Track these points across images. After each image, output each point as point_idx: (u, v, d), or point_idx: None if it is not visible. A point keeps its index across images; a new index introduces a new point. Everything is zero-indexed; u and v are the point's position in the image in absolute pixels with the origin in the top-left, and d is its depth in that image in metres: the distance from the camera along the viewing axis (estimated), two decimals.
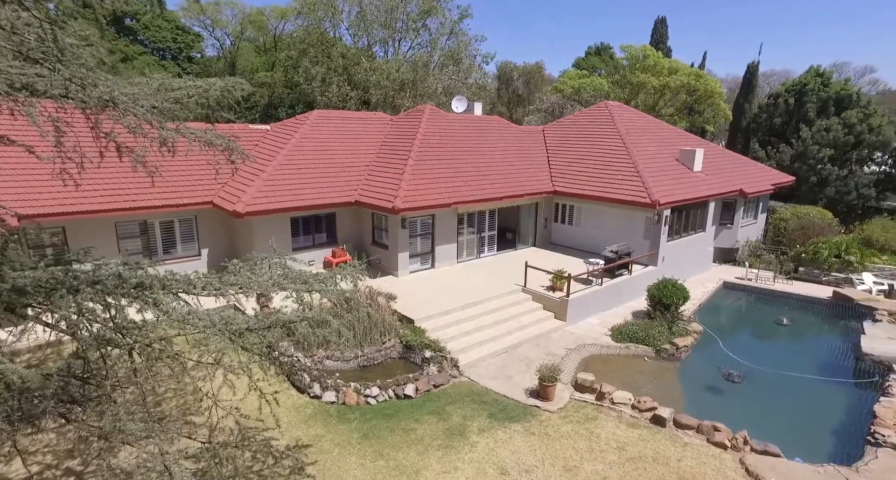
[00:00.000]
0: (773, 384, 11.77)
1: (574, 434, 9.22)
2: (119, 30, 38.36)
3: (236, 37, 42.56)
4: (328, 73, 30.24)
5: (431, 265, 17.12)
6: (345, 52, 31.48)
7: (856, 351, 12.86)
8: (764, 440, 8.86)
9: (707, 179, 19.78)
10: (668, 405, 9.97)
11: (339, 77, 30.41)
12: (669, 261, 17.57)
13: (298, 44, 30.82)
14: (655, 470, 8.25)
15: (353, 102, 30.88)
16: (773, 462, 8.35)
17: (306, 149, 17.38)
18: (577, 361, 12.24)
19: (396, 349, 12.14)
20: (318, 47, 30.48)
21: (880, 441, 8.92)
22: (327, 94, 29.91)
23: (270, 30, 41.72)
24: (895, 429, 9.24)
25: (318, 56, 30.41)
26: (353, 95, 30.73)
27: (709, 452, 8.74)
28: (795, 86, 31.49)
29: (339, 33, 33.48)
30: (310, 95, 30.75)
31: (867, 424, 9.51)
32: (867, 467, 8.28)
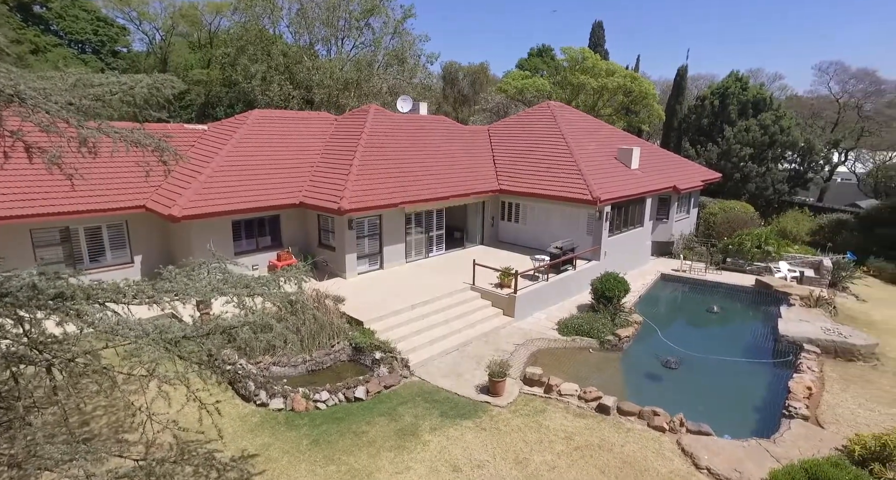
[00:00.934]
0: (705, 368, 12.55)
1: (524, 427, 9.44)
2: (27, 18, 35.18)
3: (167, 31, 40.24)
4: (269, 72, 29.26)
5: (380, 266, 16.98)
6: (286, 50, 30.56)
7: (774, 334, 13.93)
8: (698, 421, 9.42)
9: (644, 176, 20.77)
10: (612, 393, 10.39)
11: (281, 76, 29.49)
12: (611, 256, 18.32)
13: (236, 41, 29.58)
14: (601, 457, 8.59)
15: (296, 102, 30.07)
16: (705, 441, 8.91)
17: (247, 150, 16.76)
18: (526, 356, 12.53)
19: (346, 351, 11.96)
20: (257, 45, 29.39)
21: (793, 413, 9.73)
22: (268, 93, 28.94)
23: (205, 25, 39.79)
24: (805, 402, 10.10)
25: (257, 54, 29.33)
26: (295, 94, 29.90)
27: (649, 436, 9.20)
28: (719, 90, 33.67)
29: (280, 30, 32.51)
30: (250, 94, 29.64)
31: (783, 399, 10.32)
32: (782, 438, 9.01)
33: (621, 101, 37.23)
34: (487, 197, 20.07)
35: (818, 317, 14.58)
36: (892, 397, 10.93)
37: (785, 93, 50.61)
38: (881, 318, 15.41)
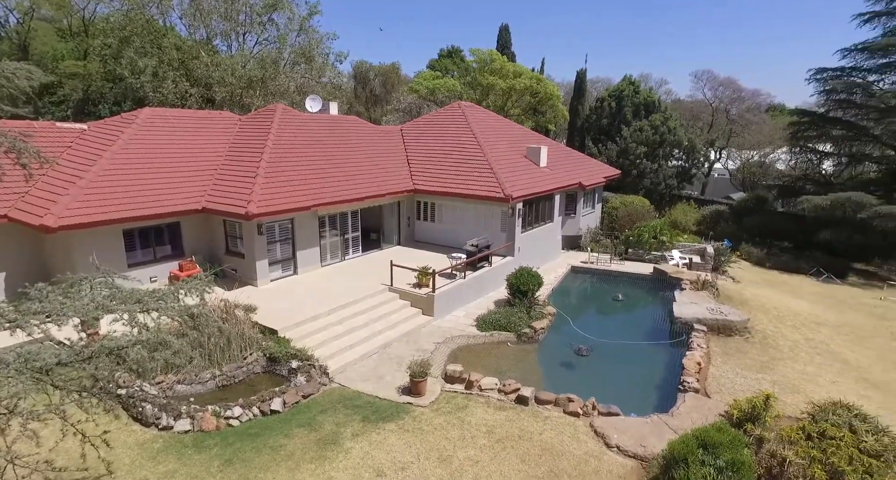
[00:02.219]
0: (613, 353, 13.44)
1: (447, 424, 9.52)
2: None
3: (24, 14, 34.97)
4: (161, 67, 26.83)
5: (294, 271, 16.31)
6: (179, 43, 28.20)
7: (670, 316, 15.27)
8: (608, 403, 10.06)
9: (552, 174, 21.83)
10: (530, 384, 10.79)
11: (176, 72, 27.19)
12: (525, 251, 19.06)
13: (118, 30, 26.66)
14: (522, 446, 8.88)
15: (195, 100, 27.93)
16: (614, 421, 9.54)
17: (138, 152, 15.32)
18: (447, 353, 12.65)
19: (260, 363, 11.33)
20: (144, 36, 26.77)
21: (686, 387, 10.74)
22: (162, 91, 26.56)
23: (76, 11, 35.27)
24: (696, 376, 11.20)
25: (145, 46, 26.73)
26: (193, 93, 27.75)
27: (565, 422, 9.67)
28: (615, 93, 36.31)
29: (171, 22, 29.94)
30: (139, 91, 26.97)
31: (678, 375, 11.36)
32: (678, 410, 9.91)
33: (528, 102, 38.82)
34: (403, 197, 20.01)
35: (704, 299, 16.20)
36: (759, 364, 12.42)
37: (670, 96, 55.69)
38: (751, 296, 17.45)
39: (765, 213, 27.61)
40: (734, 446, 6.94)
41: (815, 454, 7.55)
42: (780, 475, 7.52)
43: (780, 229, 26.23)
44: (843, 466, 7.30)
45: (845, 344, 14.44)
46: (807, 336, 14.57)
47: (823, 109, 27.07)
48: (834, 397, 9.56)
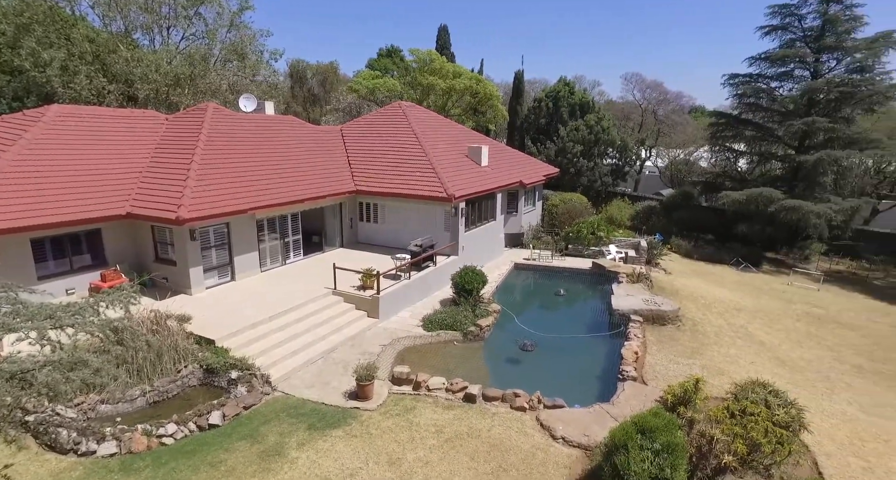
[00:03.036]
0: (557, 347, 13.84)
1: (395, 427, 9.42)
2: None
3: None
4: (71, 60, 24.62)
5: (231, 277, 15.59)
6: (93, 35, 26.01)
7: (609, 309, 15.95)
8: (553, 396, 10.34)
9: (493, 173, 22.17)
10: (477, 382, 10.89)
11: (89, 66, 25.07)
12: (469, 250, 19.24)
13: (13, 17, 23.93)
14: (471, 444, 8.95)
15: (115, 98, 25.94)
16: (559, 414, 9.83)
17: (46, 153, 14.07)
18: (393, 355, 12.54)
19: (196, 375, 10.72)
20: (48, 25, 24.31)
21: (625, 376, 11.26)
22: (73, 86, 24.39)
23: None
24: (633, 365, 11.77)
25: (50, 36, 24.30)
26: (112, 89, 25.76)
27: (512, 417, 9.84)
28: (552, 93, 37.45)
29: (81, 11, 27.48)
30: (45, 86, 24.59)
31: (617, 365, 11.88)
32: (618, 399, 10.37)
33: (469, 102, 39.22)
34: (344, 198, 19.64)
35: (640, 291, 17.04)
36: (690, 350, 13.24)
37: (603, 98, 58.13)
38: (681, 286, 18.58)
39: (691, 208, 29.46)
40: (669, 429, 7.33)
41: (738, 430, 8.13)
42: (708, 452, 8.03)
43: (704, 223, 28.08)
44: (760, 439, 7.93)
45: (760, 327, 15.68)
46: (729, 321, 15.68)
47: (737, 112, 29.24)
48: (752, 376, 10.35)
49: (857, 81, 24.00)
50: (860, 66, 24.29)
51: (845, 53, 24.54)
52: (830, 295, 20.42)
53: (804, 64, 25.39)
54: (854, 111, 25.14)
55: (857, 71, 24.43)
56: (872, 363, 13.98)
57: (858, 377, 13.00)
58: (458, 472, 8.23)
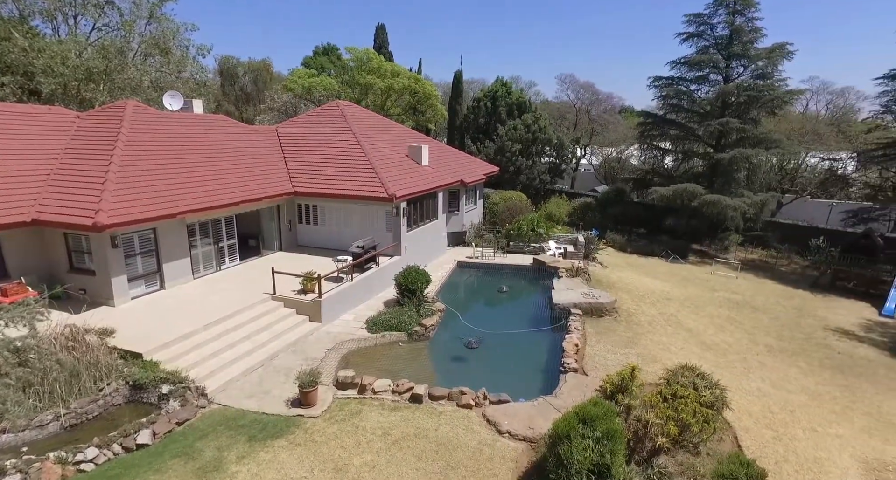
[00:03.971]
0: (501, 343, 14.09)
1: (340, 433, 9.22)
2: None
3: None
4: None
5: (160, 286, 14.66)
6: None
7: (550, 303, 16.43)
8: (498, 392, 10.51)
9: (434, 172, 22.21)
10: (423, 382, 10.87)
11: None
12: (411, 250, 19.17)
13: None
14: (418, 445, 8.91)
15: (11, 91, 23.49)
16: (505, 409, 10.00)
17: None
18: (337, 359, 12.27)
19: (121, 392, 9.97)
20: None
21: (567, 369, 11.65)
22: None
23: None
24: (574, 357, 12.20)
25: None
26: (7, 82, 23.30)
27: (459, 415, 9.90)
28: (490, 93, 38.07)
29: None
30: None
31: (559, 358, 12.26)
32: (561, 391, 10.71)
33: (408, 102, 39.08)
34: (282, 200, 18.98)
35: (579, 285, 17.68)
36: (626, 340, 13.92)
37: (539, 97, 59.84)
38: (617, 279, 19.47)
39: (624, 204, 30.93)
40: (608, 417, 7.64)
41: (670, 413, 8.62)
42: (644, 436, 8.46)
43: (636, 217, 29.58)
44: (689, 419, 8.47)
45: (688, 314, 16.74)
46: (661, 310, 16.60)
47: (662, 112, 31.03)
48: (682, 361, 11.02)
49: (760, 86, 26.20)
50: (762, 72, 26.60)
51: (750, 61, 26.74)
52: (746, 282, 22.12)
53: (717, 69, 27.34)
54: (759, 113, 27.46)
55: (760, 77, 26.70)
56: (780, 342, 15.30)
57: (769, 356, 14.18)
58: (406, 474, 8.18)
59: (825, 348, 15.10)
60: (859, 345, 15.46)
